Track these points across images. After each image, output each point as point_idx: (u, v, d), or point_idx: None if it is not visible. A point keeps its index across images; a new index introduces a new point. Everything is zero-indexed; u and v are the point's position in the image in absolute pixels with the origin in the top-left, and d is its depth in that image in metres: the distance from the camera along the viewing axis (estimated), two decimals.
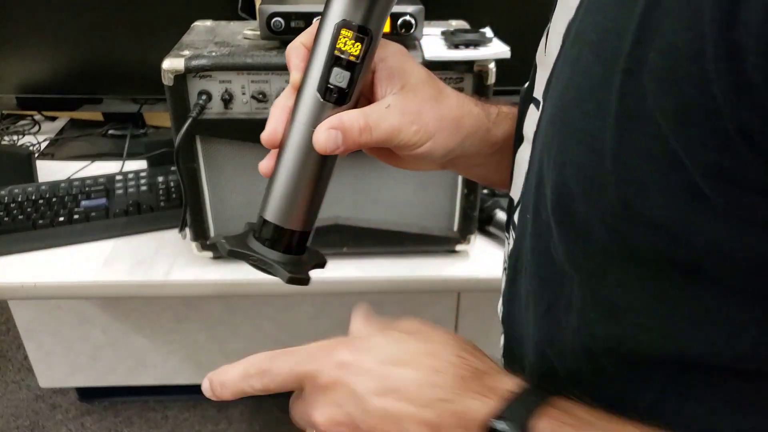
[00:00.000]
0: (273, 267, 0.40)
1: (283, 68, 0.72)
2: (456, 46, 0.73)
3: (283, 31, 0.72)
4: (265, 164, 0.41)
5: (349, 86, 0.39)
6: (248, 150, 0.78)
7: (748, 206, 0.25)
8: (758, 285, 0.26)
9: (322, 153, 0.39)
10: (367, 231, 0.83)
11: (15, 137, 1.25)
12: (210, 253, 0.84)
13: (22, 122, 1.31)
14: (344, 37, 0.38)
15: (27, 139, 1.24)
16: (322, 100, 0.39)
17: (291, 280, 0.40)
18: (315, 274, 0.86)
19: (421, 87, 0.42)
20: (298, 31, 0.71)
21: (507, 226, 0.49)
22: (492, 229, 0.90)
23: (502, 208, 0.90)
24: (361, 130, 0.39)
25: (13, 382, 1.73)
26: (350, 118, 0.39)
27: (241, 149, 0.78)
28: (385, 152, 0.45)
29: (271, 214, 0.41)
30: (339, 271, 0.84)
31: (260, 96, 0.73)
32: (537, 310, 0.38)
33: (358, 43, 0.38)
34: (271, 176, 0.41)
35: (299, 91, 0.40)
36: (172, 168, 1.02)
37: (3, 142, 1.23)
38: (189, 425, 1.61)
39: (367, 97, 0.42)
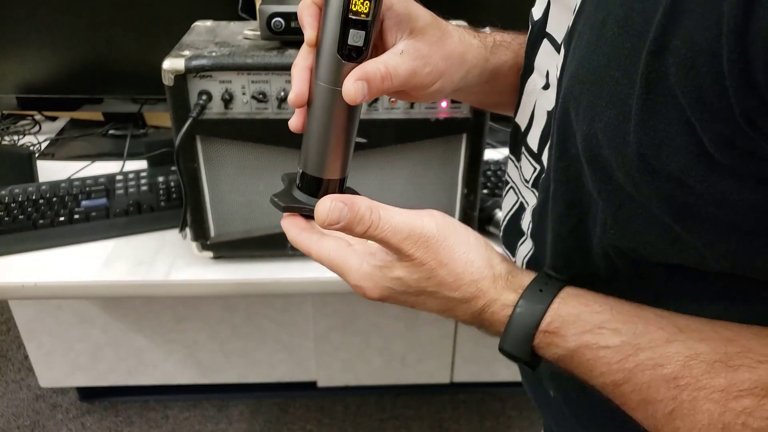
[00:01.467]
0: (304, 209, 0.45)
1: (283, 68, 0.72)
2: None
3: (284, 31, 0.73)
4: (295, 121, 0.45)
5: (365, 44, 0.42)
6: (248, 150, 0.78)
7: (748, 167, 0.30)
8: (749, 223, 0.33)
9: (352, 104, 0.42)
10: None
11: (15, 137, 1.25)
12: (210, 253, 0.84)
13: (22, 122, 1.31)
14: None
15: (27, 139, 1.24)
16: (342, 61, 0.42)
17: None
18: (315, 274, 0.87)
19: (427, 29, 0.45)
20: (298, 32, 0.72)
21: (515, 150, 0.54)
22: (492, 229, 0.90)
23: (501, 208, 0.90)
24: (383, 78, 0.42)
25: (13, 382, 1.73)
26: (372, 68, 0.42)
27: (242, 149, 0.78)
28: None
29: (312, 169, 0.45)
30: None
31: (260, 96, 0.73)
32: (566, 225, 0.44)
33: (366, 2, 0.40)
34: (305, 134, 0.45)
35: (318, 51, 0.42)
36: (173, 168, 1.03)
37: (3, 142, 1.23)
38: (189, 425, 1.61)
39: (377, 45, 0.45)
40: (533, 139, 0.50)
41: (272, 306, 1.46)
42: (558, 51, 0.45)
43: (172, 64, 0.71)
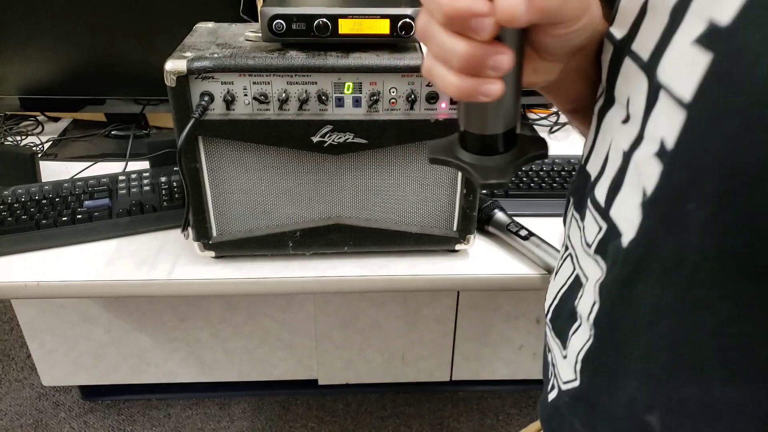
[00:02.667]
0: (471, 174, 0.39)
1: (284, 70, 0.73)
2: None
3: (285, 33, 0.73)
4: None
5: None
6: (250, 150, 0.79)
7: None
8: None
9: (508, 21, 0.31)
10: (367, 231, 0.84)
11: (18, 138, 1.26)
12: (212, 253, 0.85)
13: (25, 123, 1.32)
14: None
15: (30, 140, 1.25)
16: None
17: (483, 186, 0.39)
18: (316, 273, 0.87)
19: None
20: (299, 33, 0.73)
21: (579, 206, 0.43)
22: (491, 229, 0.91)
23: (501, 209, 0.91)
24: None
25: (16, 381, 1.74)
26: None
27: (243, 150, 0.78)
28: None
29: (467, 123, 0.39)
30: (339, 270, 0.85)
31: (262, 97, 0.74)
32: (705, 321, 0.31)
33: None
34: None
35: None
36: (175, 168, 1.03)
37: (6, 143, 1.23)
38: (191, 423, 1.62)
39: None
40: (601, 189, 0.40)
41: (274, 305, 1.47)
42: (646, 70, 0.35)
43: (175, 65, 0.71)
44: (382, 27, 0.73)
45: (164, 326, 1.49)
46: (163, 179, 1.01)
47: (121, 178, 1.02)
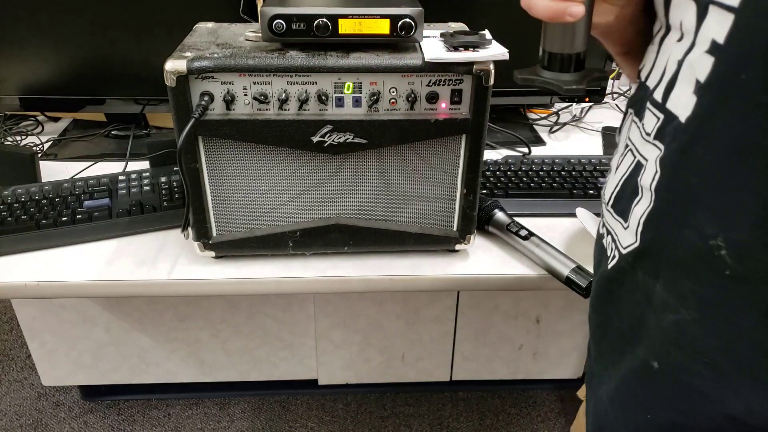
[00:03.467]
0: (552, 84, 0.51)
1: (284, 70, 0.73)
2: (456, 48, 0.74)
3: (285, 33, 0.73)
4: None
5: None
6: (250, 150, 0.79)
7: None
8: None
9: None
10: (367, 231, 0.84)
11: (18, 138, 1.26)
12: (212, 253, 0.85)
13: (25, 123, 1.32)
14: None
15: (30, 140, 1.25)
16: None
17: (567, 91, 0.51)
18: (316, 273, 0.87)
19: None
20: (299, 33, 0.73)
21: (639, 111, 0.52)
22: (491, 229, 0.91)
23: (501, 209, 0.91)
24: None
25: (16, 381, 1.74)
26: None
27: (243, 150, 0.79)
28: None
29: (551, 45, 0.51)
30: (339, 270, 0.85)
31: (262, 97, 0.74)
32: (756, 163, 0.38)
33: None
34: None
35: None
36: (175, 168, 1.03)
37: (6, 143, 1.23)
38: (191, 423, 1.62)
39: None
40: (659, 92, 0.49)
41: (274, 305, 1.47)
42: None
43: (174, 65, 0.72)
44: (382, 27, 0.73)
45: (164, 326, 1.49)
46: (163, 179, 1.01)
47: (121, 178, 1.02)
